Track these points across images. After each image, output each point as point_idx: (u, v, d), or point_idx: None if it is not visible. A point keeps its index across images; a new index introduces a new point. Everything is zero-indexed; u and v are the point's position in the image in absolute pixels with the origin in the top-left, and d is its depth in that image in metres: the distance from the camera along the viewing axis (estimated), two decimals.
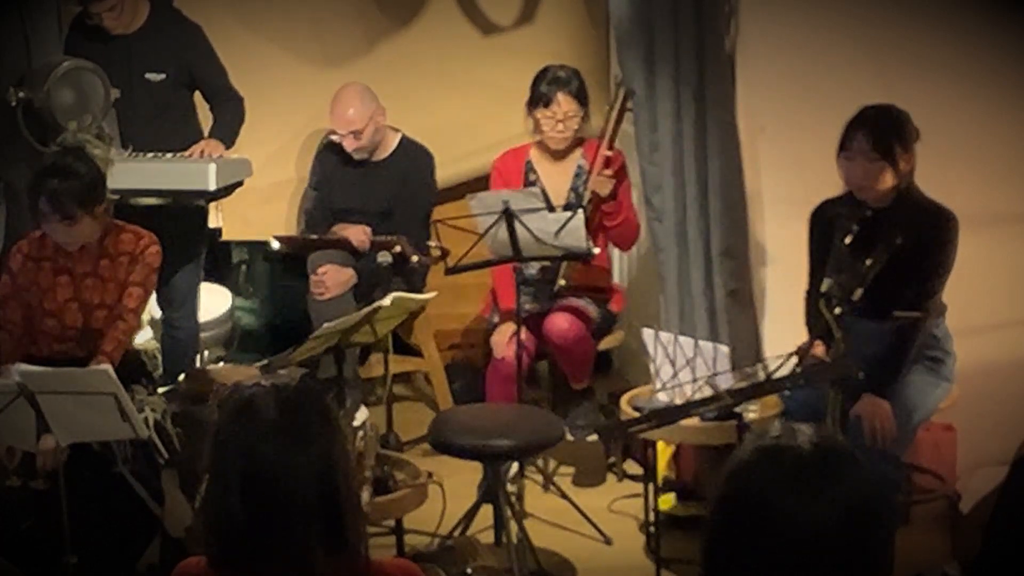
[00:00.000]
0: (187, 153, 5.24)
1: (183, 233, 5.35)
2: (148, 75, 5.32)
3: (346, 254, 5.56)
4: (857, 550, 1.72)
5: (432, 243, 5.24)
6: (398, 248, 5.34)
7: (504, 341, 5.12)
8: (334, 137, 5.66)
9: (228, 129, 5.40)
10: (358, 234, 5.54)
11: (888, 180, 4.06)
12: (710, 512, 1.80)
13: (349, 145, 5.63)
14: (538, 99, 5.29)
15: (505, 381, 5.06)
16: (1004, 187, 4.77)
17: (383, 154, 5.72)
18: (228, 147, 5.33)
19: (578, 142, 5.40)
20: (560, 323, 5.20)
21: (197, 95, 5.50)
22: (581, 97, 5.30)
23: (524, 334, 4.95)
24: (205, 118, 5.51)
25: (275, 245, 5.76)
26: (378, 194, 5.67)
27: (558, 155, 5.41)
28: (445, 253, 5.02)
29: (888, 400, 4.04)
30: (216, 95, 5.45)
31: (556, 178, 5.40)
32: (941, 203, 4.12)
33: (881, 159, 4.04)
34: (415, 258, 5.36)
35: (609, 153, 5.18)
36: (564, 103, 5.27)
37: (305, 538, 2.06)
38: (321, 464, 2.08)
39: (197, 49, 5.40)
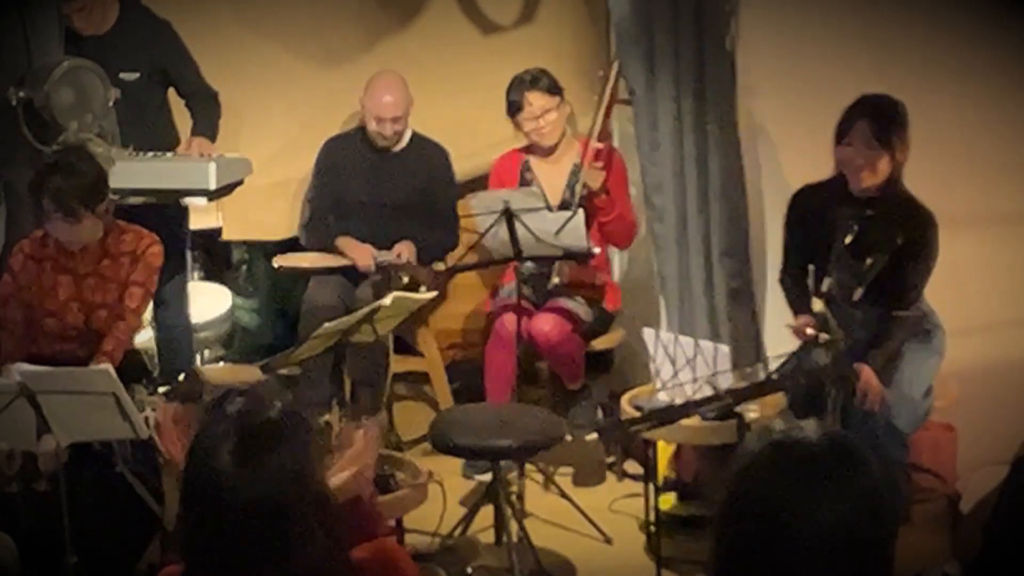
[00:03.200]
0: (183, 151, 5.23)
1: (164, 232, 5.32)
2: (122, 75, 5.28)
3: (340, 280, 5.49)
4: (867, 544, 1.72)
5: (443, 267, 5.26)
6: (406, 279, 5.28)
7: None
8: (371, 124, 5.58)
9: (210, 124, 5.38)
10: (364, 257, 5.49)
11: (884, 170, 4.09)
12: (719, 510, 1.79)
13: (387, 130, 5.56)
14: (511, 107, 5.37)
15: (506, 349, 5.06)
16: (1004, 187, 4.77)
17: (398, 146, 5.69)
18: (212, 142, 5.33)
19: (574, 141, 5.43)
20: (542, 326, 5.20)
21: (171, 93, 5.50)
22: (553, 89, 5.35)
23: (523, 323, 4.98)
24: (180, 116, 5.51)
25: (276, 265, 5.72)
26: (394, 186, 5.61)
27: (554, 155, 5.42)
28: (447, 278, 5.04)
29: (889, 380, 4.07)
30: (191, 91, 5.42)
31: (552, 178, 5.42)
32: (919, 199, 4.14)
33: (881, 148, 4.06)
34: (423, 290, 5.21)
35: (599, 145, 5.20)
36: (535, 100, 5.32)
37: (254, 560, 2.09)
38: (271, 493, 2.09)
39: (168, 46, 5.36)
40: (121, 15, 5.34)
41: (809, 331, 4.07)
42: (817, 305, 4.07)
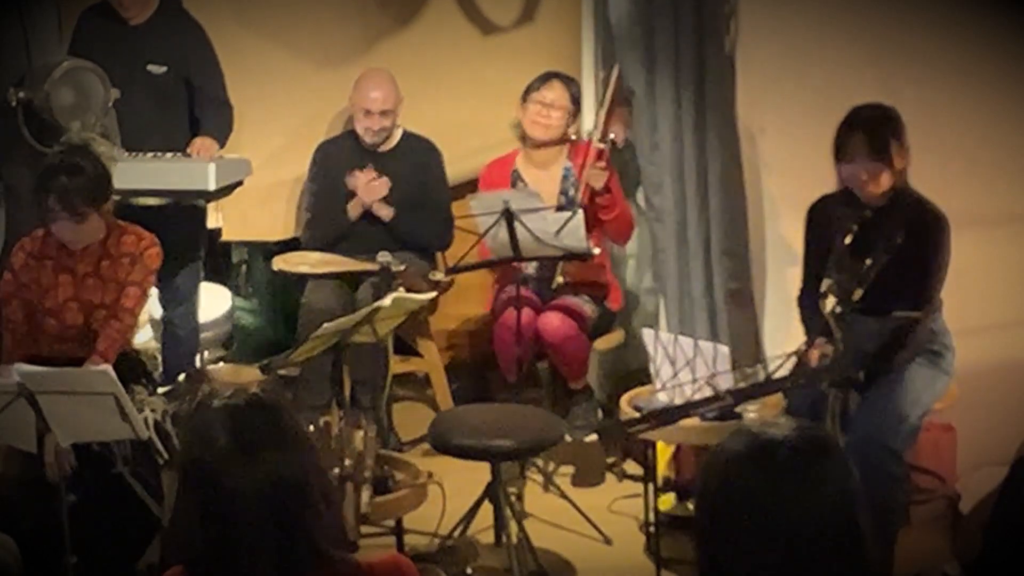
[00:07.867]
0: (188, 151, 5.24)
1: (183, 233, 5.35)
2: (150, 67, 5.33)
3: (339, 283, 5.51)
4: (842, 536, 1.73)
5: (441, 276, 5.26)
6: (402, 290, 5.28)
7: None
8: (359, 120, 5.60)
9: (219, 129, 5.40)
10: (370, 191, 5.55)
11: (886, 181, 4.07)
12: (695, 508, 1.81)
13: (375, 124, 5.58)
14: (529, 88, 5.43)
15: (510, 331, 5.07)
16: (1004, 187, 4.77)
17: (389, 145, 5.69)
18: (221, 146, 5.34)
19: (567, 146, 5.45)
20: (552, 321, 5.23)
21: None
22: (574, 98, 5.44)
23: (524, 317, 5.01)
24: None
25: (276, 267, 5.72)
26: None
27: (544, 160, 5.46)
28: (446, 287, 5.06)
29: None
30: (208, 99, 5.43)
31: (544, 183, 5.43)
32: (931, 201, 4.12)
33: (879, 160, 4.04)
34: (422, 295, 5.22)
35: (602, 145, 5.23)
36: (554, 88, 5.41)
37: (257, 559, 2.07)
38: (270, 486, 2.07)
39: (200, 49, 5.41)
40: (159, 9, 5.41)
41: (815, 357, 4.03)
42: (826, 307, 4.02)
